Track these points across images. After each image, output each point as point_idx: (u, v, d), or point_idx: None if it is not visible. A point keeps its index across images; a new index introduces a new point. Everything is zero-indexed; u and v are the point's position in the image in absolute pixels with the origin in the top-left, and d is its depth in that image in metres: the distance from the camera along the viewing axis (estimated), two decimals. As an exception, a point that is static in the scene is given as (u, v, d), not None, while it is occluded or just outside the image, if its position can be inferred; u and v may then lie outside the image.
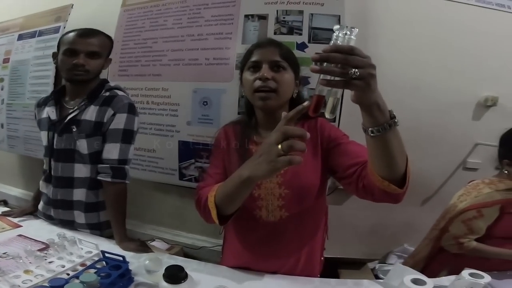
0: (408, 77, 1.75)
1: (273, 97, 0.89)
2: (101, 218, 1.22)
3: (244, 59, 0.97)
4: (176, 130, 1.88)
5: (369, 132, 0.62)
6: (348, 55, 0.52)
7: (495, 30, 1.75)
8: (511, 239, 1.15)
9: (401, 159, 0.66)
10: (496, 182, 1.19)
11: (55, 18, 2.39)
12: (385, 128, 0.60)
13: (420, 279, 0.79)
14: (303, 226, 0.96)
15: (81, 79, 1.15)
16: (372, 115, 0.60)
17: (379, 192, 0.71)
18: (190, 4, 1.89)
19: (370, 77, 0.54)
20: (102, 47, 1.18)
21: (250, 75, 0.92)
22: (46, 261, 0.91)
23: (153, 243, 2.02)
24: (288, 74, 0.92)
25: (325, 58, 0.53)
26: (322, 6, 1.63)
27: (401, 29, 1.77)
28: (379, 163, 0.67)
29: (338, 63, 0.53)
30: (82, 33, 1.14)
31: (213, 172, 0.98)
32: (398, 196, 0.69)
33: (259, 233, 0.96)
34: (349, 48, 0.53)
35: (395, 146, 0.63)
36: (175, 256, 1.10)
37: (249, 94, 0.93)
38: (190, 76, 1.83)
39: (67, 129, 1.16)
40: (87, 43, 1.14)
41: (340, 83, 0.54)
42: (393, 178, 0.67)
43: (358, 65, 0.53)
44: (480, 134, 1.78)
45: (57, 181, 1.19)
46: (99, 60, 1.18)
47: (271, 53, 0.91)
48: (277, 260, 0.96)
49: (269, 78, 0.88)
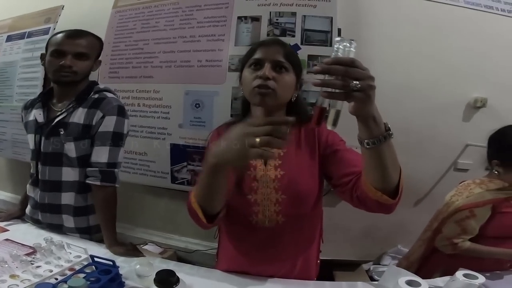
0: (399, 79, 1.77)
1: (271, 94, 0.86)
2: (91, 222, 1.19)
3: (246, 56, 0.93)
4: (168, 133, 1.86)
5: (365, 144, 0.63)
6: (349, 67, 0.53)
7: (484, 31, 1.79)
8: (504, 238, 1.16)
9: (395, 171, 0.67)
10: (486, 182, 1.21)
11: (44, 19, 2.35)
12: (380, 140, 0.62)
13: (414, 281, 0.78)
14: (300, 231, 0.95)
15: (68, 80, 1.12)
16: (368, 127, 0.61)
17: (371, 202, 0.73)
18: (183, 5, 1.88)
19: (370, 89, 0.55)
20: (90, 48, 1.16)
21: (250, 73, 0.89)
22: (33, 265, 0.89)
23: (146, 247, 1.99)
24: (289, 76, 0.89)
25: (326, 70, 0.54)
26: (314, 8, 1.64)
27: (392, 31, 1.79)
28: (373, 174, 0.69)
29: (339, 75, 0.54)
30: (69, 34, 1.12)
31: None
32: (390, 206, 0.71)
33: (255, 239, 0.93)
34: (350, 60, 0.54)
35: (389, 158, 0.65)
36: (167, 260, 1.10)
37: (247, 92, 0.90)
38: (182, 78, 1.82)
39: (54, 132, 1.13)
40: (75, 44, 1.12)
41: (341, 95, 0.55)
42: (386, 189, 0.69)
43: (358, 77, 0.54)
44: (471, 135, 1.81)
45: (44, 184, 1.17)
46: (87, 62, 1.15)
47: (275, 53, 0.88)
48: (273, 265, 0.95)
49: (270, 77, 0.85)
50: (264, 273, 0.95)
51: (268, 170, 0.91)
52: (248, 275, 0.95)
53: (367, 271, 1.95)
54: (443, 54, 1.79)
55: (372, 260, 2.00)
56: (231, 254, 1.00)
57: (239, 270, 0.97)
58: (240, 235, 0.97)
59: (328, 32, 1.62)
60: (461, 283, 0.79)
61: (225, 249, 1.04)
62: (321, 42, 1.63)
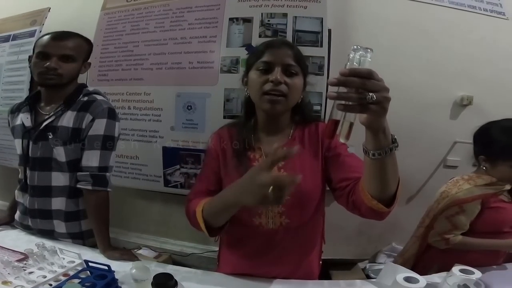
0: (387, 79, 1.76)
1: (282, 101, 0.85)
2: (83, 227, 1.17)
3: (254, 58, 0.90)
4: (159, 135, 1.84)
5: (370, 155, 0.63)
6: (366, 79, 0.52)
7: (468, 31, 1.84)
8: (494, 233, 1.18)
9: (394, 181, 0.68)
10: (475, 178, 1.23)
11: (30, 21, 2.31)
12: (386, 152, 0.61)
13: (412, 277, 0.79)
14: (303, 233, 0.94)
15: (54, 83, 1.10)
16: (377, 139, 0.60)
17: (366, 209, 0.73)
18: (173, 7, 1.87)
19: (386, 101, 0.54)
20: (76, 50, 1.13)
21: (259, 76, 0.86)
22: (25, 271, 0.87)
23: (140, 251, 1.97)
24: (299, 79, 0.87)
25: (343, 83, 0.52)
26: (305, 9, 1.65)
27: (380, 31, 1.82)
28: (373, 183, 0.69)
29: (356, 87, 0.52)
30: (55, 36, 1.10)
31: (205, 188, 0.94)
32: (383, 214, 0.72)
33: (258, 241, 0.92)
34: (368, 72, 0.52)
35: (391, 169, 0.65)
36: (163, 264, 1.08)
37: (256, 96, 0.88)
38: (173, 80, 1.81)
39: (42, 137, 1.10)
40: (60, 46, 1.09)
41: (357, 107, 0.53)
42: (382, 198, 0.69)
43: (375, 90, 0.52)
44: (458, 133, 1.84)
45: (33, 190, 1.14)
46: (73, 64, 1.12)
47: (285, 56, 0.86)
48: (276, 267, 0.94)
49: (282, 82, 0.83)
50: (267, 275, 0.94)
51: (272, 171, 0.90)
52: (247, 277, 0.95)
53: (363, 269, 1.96)
54: (429, 54, 1.83)
55: (368, 259, 2.02)
56: (233, 257, 0.98)
57: (242, 273, 0.96)
58: (243, 237, 0.95)
59: (318, 32, 1.64)
60: (458, 278, 0.80)
61: (227, 253, 1.02)
62: (312, 43, 1.64)
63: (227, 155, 0.95)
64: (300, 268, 0.96)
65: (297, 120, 0.96)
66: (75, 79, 1.17)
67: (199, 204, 0.82)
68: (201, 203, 0.82)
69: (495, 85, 1.84)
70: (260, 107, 0.91)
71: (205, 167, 0.99)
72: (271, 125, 0.94)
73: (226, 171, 0.94)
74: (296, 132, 0.94)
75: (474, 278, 0.80)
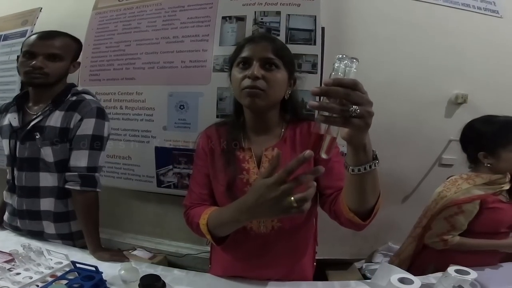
0: (382, 77, 1.79)
1: (261, 95, 0.82)
2: (73, 228, 1.16)
3: (234, 54, 0.89)
4: (152, 135, 1.82)
5: (350, 170, 0.62)
6: (350, 90, 0.49)
7: (462, 29, 1.83)
8: (492, 234, 1.17)
9: (373, 196, 0.67)
10: (473, 177, 1.21)
11: (21, 21, 2.29)
12: (365, 168, 0.60)
13: (407, 278, 0.78)
14: (296, 236, 0.92)
15: (40, 82, 1.08)
16: (357, 155, 0.59)
17: (344, 220, 0.75)
18: (165, 6, 1.85)
19: (369, 116, 0.52)
20: (64, 50, 1.11)
21: (239, 72, 0.84)
22: (11, 272, 0.86)
23: (135, 253, 1.95)
24: (280, 73, 0.84)
25: (325, 92, 0.50)
26: (298, 7, 1.64)
27: (374, 29, 1.81)
28: (351, 196, 0.69)
29: (339, 97, 0.50)
30: (41, 35, 1.09)
31: (198, 191, 0.92)
32: (360, 226, 0.72)
33: (250, 244, 0.90)
34: (352, 82, 0.50)
35: (370, 184, 0.64)
36: (154, 264, 1.07)
37: (237, 92, 0.86)
38: (165, 79, 1.78)
39: (30, 137, 1.09)
40: (46, 45, 1.08)
41: (339, 120, 0.50)
42: (359, 211, 0.70)
43: (359, 102, 0.50)
44: (453, 131, 1.83)
45: (21, 191, 1.12)
46: (60, 63, 1.11)
47: (263, 49, 0.83)
48: (269, 270, 0.92)
49: (259, 77, 0.80)
50: (260, 278, 0.92)
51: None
52: (238, 278, 0.93)
53: (359, 269, 1.95)
54: (424, 52, 1.82)
55: (364, 258, 2.01)
56: (225, 260, 0.96)
57: (234, 275, 0.94)
58: (235, 241, 0.92)
59: (312, 30, 1.63)
60: (454, 279, 0.78)
61: (218, 255, 1.00)
62: (305, 41, 1.62)
63: (215, 155, 0.92)
64: (293, 271, 0.94)
65: (288, 119, 0.94)
66: (63, 78, 1.16)
67: (202, 216, 0.81)
68: (204, 216, 0.80)
69: (490, 83, 1.84)
70: (241, 103, 0.88)
71: (196, 170, 0.96)
72: (259, 124, 0.91)
73: (214, 171, 0.92)
74: (287, 132, 0.92)
75: (469, 278, 0.78)
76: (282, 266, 0.92)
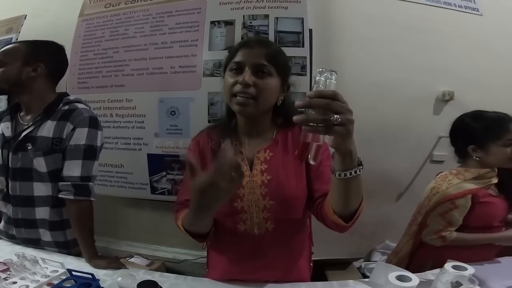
0: (370, 77, 1.81)
1: (251, 104, 0.81)
2: (68, 237, 1.14)
3: (228, 58, 0.87)
4: (144, 142, 1.80)
5: (336, 174, 0.65)
6: (331, 101, 0.53)
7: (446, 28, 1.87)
8: (487, 228, 1.18)
9: (356, 200, 0.70)
10: (462, 172, 1.23)
11: (6, 29, 2.26)
12: (351, 173, 0.64)
13: (405, 275, 0.78)
14: (291, 237, 0.92)
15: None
16: (343, 161, 0.63)
17: (329, 221, 0.77)
18: (153, 12, 1.84)
19: (349, 123, 0.55)
20: (5, 55, 1.08)
21: (230, 77, 0.83)
22: (7, 281, 0.86)
23: (132, 260, 1.93)
24: (272, 80, 0.83)
25: (308, 105, 0.54)
26: (286, 10, 1.65)
27: (361, 30, 1.83)
28: (336, 199, 0.72)
29: (321, 108, 0.53)
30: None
31: (184, 199, 0.90)
32: (343, 228, 0.75)
33: (246, 247, 0.90)
34: (332, 93, 0.54)
35: (354, 189, 0.67)
36: (152, 271, 1.06)
37: (227, 98, 0.85)
38: (155, 85, 1.77)
39: (22, 147, 1.07)
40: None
41: (322, 129, 0.54)
42: (343, 214, 0.73)
43: (339, 111, 0.53)
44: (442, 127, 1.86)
45: (16, 200, 1.11)
46: (3, 68, 1.07)
47: (256, 55, 0.82)
48: (265, 272, 0.92)
49: (250, 84, 0.79)
50: (257, 280, 0.92)
51: (255, 175, 0.88)
52: (237, 282, 0.92)
53: (359, 268, 1.96)
54: (410, 52, 1.85)
55: (362, 257, 2.03)
56: (222, 263, 0.96)
57: (231, 278, 0.94)
58: (229, 243, 0.93)
59: (299, 33, 1.64)
60: (452, 275, 0.79)
61: (215, 259, 1.00)
62: (293, 43, 1.64)
63: (207, 159, 0.92)
64: (290, 272, 0.94)
65: (280, 123, 0.94)
66: (18, 83, 1.10)
67: (179, 218, 0.83)
68: (180, 217, 0.82)
69: (474, 80, 1.87)
70: (232, 109, 0.87)
71: (185, 176, 0.96)
72: (250, 128, 0.91)
73: None
74: (279, 136, 0.92)
75: (467, 274, 0.79)
76: (278, 268, 0.92)
